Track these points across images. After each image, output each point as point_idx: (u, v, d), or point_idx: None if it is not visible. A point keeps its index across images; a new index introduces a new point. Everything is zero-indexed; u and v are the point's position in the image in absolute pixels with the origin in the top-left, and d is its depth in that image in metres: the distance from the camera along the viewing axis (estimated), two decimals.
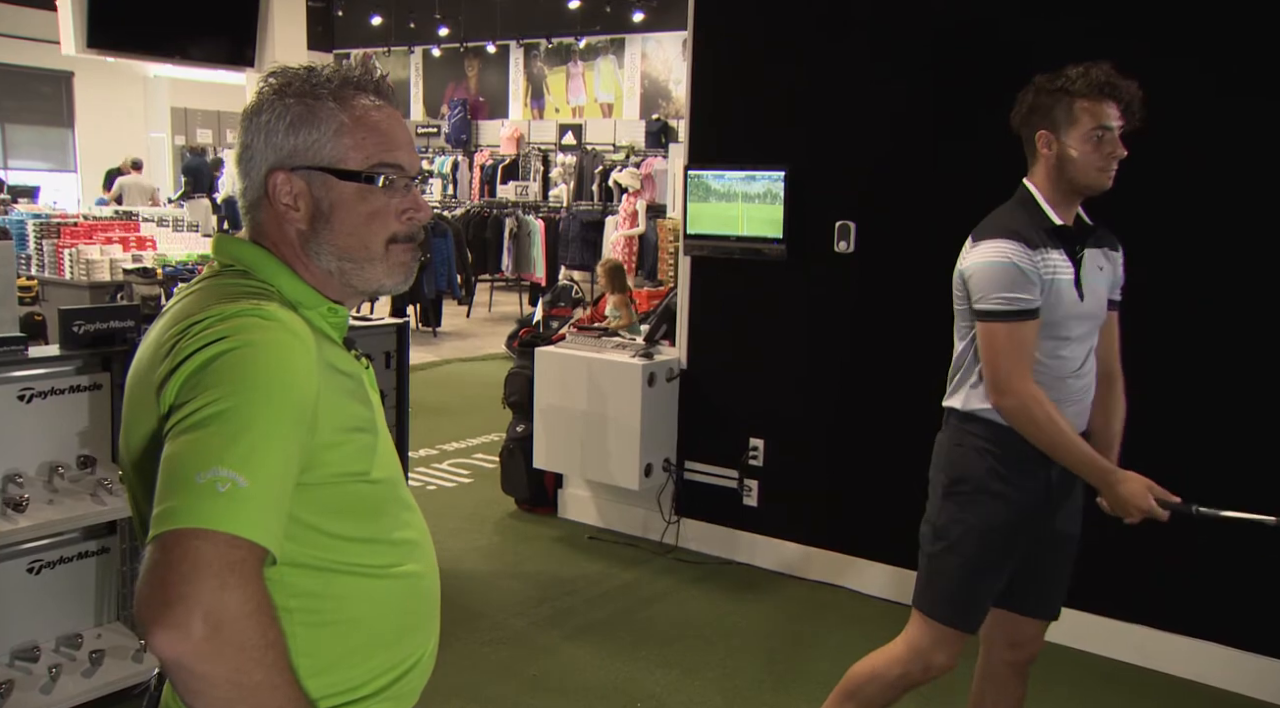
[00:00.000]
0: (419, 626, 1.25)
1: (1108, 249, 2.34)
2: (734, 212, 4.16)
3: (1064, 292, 2.22)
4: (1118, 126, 2.19)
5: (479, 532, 4.65)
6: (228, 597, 0.93)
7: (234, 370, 1.02)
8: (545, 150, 14.30)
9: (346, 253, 1.19)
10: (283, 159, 1.17)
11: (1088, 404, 2.34)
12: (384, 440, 1.20)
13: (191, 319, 1.08)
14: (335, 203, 1.18)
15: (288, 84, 1.18)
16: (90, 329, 2.96)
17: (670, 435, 4.46)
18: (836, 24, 3.94)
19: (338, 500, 1.12)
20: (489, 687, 3.24)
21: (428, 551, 1.28)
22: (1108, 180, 2.22)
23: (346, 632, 1.15)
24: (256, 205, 1.20)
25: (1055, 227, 2.22)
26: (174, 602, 0.92)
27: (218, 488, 0.95)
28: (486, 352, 9.33)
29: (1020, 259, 2.17)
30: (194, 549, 0.94)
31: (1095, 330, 2.32)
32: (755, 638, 3.64)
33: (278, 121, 1.17)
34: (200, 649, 0.92)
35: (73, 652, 2.91)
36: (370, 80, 1.21)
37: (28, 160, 14.93)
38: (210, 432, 0.98)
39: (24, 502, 2.71)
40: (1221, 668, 3.35)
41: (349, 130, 1.17)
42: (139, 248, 6.20)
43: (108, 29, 6.34)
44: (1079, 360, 2.28)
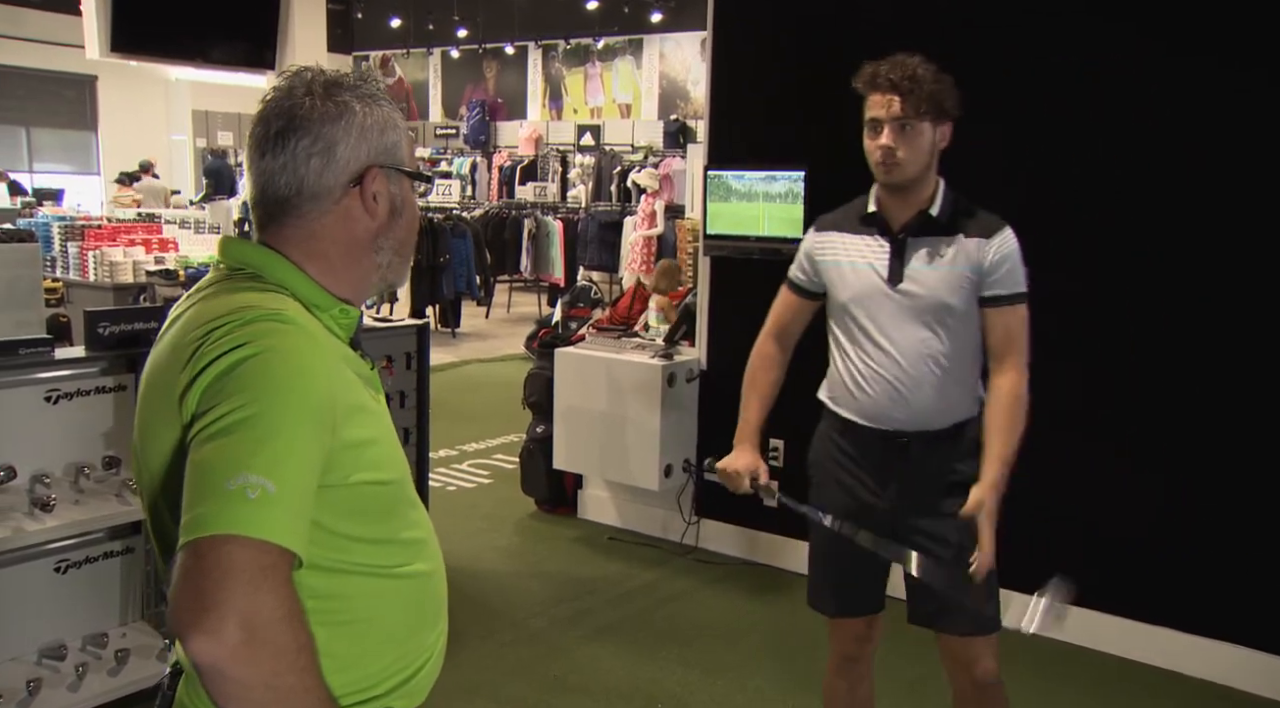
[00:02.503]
0: (429, 623, 1.27)
1: (963, 237, 2.19)
2: (754, 212, 4.15)
3: (850, 274, 2.27)
4: (886, 116, 2.14)
5: (499, 532, 4.66)
6: (261, 601, 0.95)
7: (257, 376, 1.03)
8: (564, 151, 14.33)
9: (402, 246, 1.28)
10: (380, 156, 1.22)
11: (911, 399, 2.21)
12: (391, 442, 1.22)
13: (210, 325, 1.08)
14: (405, 200, 1.26)
15: (367, 88, 1.24)
16: (115, 331, 2.99)
17: (690, 436, 4.45)
18: (855, 23, 3.92)
19: (351, 502, 1.14)
20: (509, 686, 3.25)
21: (435, 548, 1.30)
22: (883, 173, 2.19)
23: (361, 631, 1.17)
24: (319, 201, 1.19)
25: (866, 213, 2.28)
26: (209, 608, 0.93)
27: (248, 494, 0.97)
28: (505, 352, 9.35)
29: (806, 240, 2.40)
30: (226, 555, 0.95)
31: (929, 320, 2.19)
32: (775, 639, 3.64)
33: (369, 119, 1.21)
34: (236, 654, 0.93)
35: (99, 651, 2.93)
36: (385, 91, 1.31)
37: (52, 163, 15.08)
38: (237, 438, 0.99)
39: (51, 502, 2.73)
40: (1241, 669, 3.32)
41: (406, 135, 1.28)
42: (161, 250, 6.25)
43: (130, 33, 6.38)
44: (893, 347, 2.21)
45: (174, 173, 15.50)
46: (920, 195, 2.23)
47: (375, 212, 1.22)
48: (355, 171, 1.20)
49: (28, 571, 2.89)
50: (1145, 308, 3.45)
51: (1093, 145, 3.49)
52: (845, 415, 2.31)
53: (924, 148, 2.17)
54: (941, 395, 2.22)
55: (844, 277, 2.28)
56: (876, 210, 2.26)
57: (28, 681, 2.71)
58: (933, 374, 2.21)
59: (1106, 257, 3.48)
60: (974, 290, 2.20)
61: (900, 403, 2.22)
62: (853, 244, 2.28)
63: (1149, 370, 3.46)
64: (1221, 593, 3.37)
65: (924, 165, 2.19)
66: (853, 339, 2.28)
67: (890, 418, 2.24)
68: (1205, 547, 3.38)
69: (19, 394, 2.86)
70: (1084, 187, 3.51)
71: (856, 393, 2.27)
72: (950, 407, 2.24)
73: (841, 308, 2.29)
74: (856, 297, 2.25)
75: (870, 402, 2.25)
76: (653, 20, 13.90)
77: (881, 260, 2.23)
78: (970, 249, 2.19)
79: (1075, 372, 3.56)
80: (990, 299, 2.20)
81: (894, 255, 2.22)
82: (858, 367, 2.27)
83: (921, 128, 2.15)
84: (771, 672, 3.39)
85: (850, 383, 2.29)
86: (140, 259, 5.98)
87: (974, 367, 2.27)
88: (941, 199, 2.23)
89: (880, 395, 2.24)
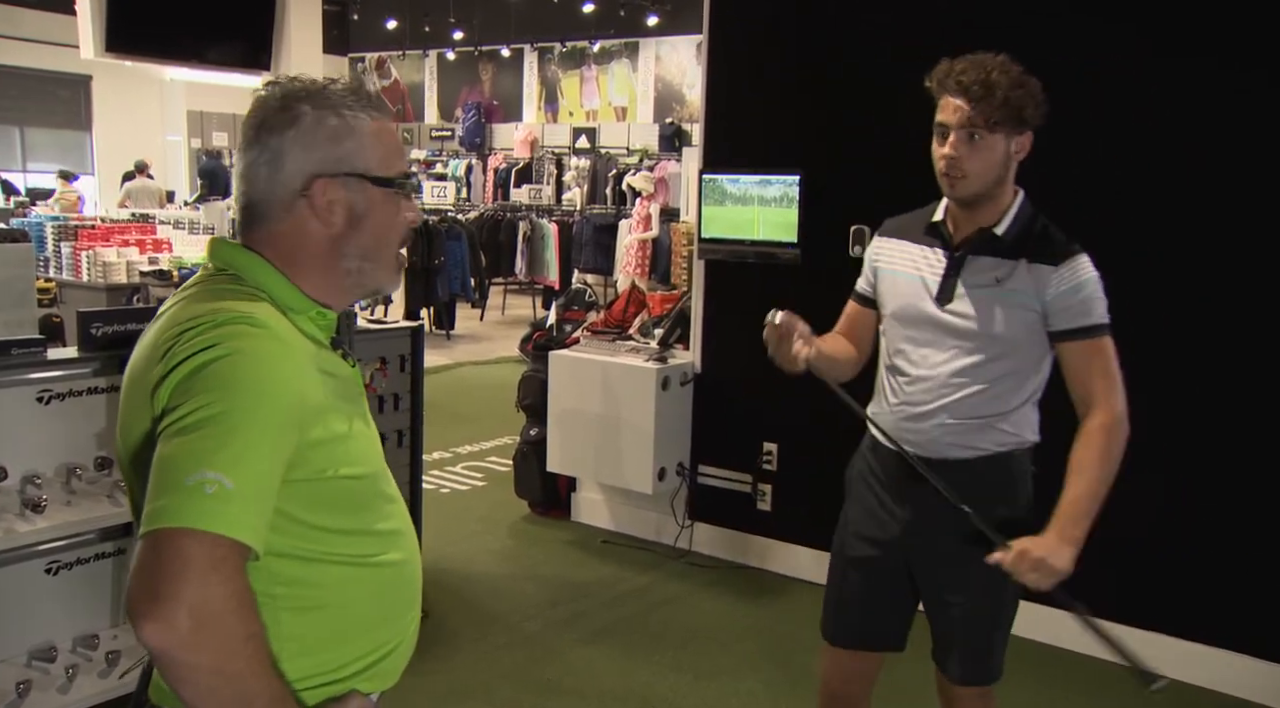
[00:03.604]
0: (401, 610, 1.32)
1: (1026, 262, 2.00)
2: (749, 215, 4.16)
3: (902, 285, 2.12)
4: (954, 123, 1.96)
5: (492, 535, 4.65)
6: (211, 593, 1.01)
7: (223, 377, 1.08)
8: (559, 154, 14.33)
9: (370, 253, 1.28)
10: (328, 166, 1.23)
11: (926, 424, 2.06)
12: (364, 438, 1.27)
13: (185, 324, 1.14)
14: (369, 207, 1.26)
15: (319, 94, 1.25)
16: (108, 331, 2.98)
17: (684, 439, 4.45)
18: (852, 27, 3.93)
19: (321, 496, 1.19)
20: (502, 689, 3.24)
21: (409, 539, 1.35)
22: (946, 186, 2.01)
23: (331, 616, 1.22)
24: (273, 210, 1.24)
25: (931, 222, 2.12)
26: (162, 598, 0.99)
27: (205, 490, 1.02)
28: (500, 355, 9.35)
29: (870, 245, 2.27)
30: (181, 547, 1.01)
31: (971, 346, 2.02)
32: (769, 642, 3.63)
33: (317, 129, 1.23)
34: (186, 641, 0.99)
35: (89, 652, 2.92)
36: (374, 97, 1.31)
37: (46, 163, 15.03)
38: (200, 435, 1.05)
39: (42, 503, 2.72)
40: (1239, 676, 3.33)
41: (378, 141, 1.27)
42: (155, 250, 6.24)
43: (126, 33, 6.38)
44: (924, 367, 2.07)
45: (169, 173, 15.46)
46: (990, 211, 2.03)
47: (329, 220, 1.24)
48: (303, 181, 1.23)
49: (18, 572, 2.88)
50: (1145, 308, 3.45)
51: (1092, 146, 3.49)
52: (875, 433, 2.18)
53: (994, 161, 1.97)
54: (961, 427, 2.04)
55: (895, 287, 2.13)
56: (943, 220, 2.09)
57: (17, 682, 2.69)
58: (955, 404, 2.04)
59: (1106, 257, 3.47)
60: (1035, 321, 2.00)
61: (912, 426, 2.08)
62: (911, 253, 2.12)
63: (1147, 372, 3.46)
64: (1219, 600, 3.38)
65: (993, 180, 1.99)
66: (890, 354, 2.16)
67: (904, 439, 2.08)
68: (1203, 553, 3.39)
69: (11, 394, 2.85)
70: (1083, 187, 3.51)
71: (884, 408, 2.16)
72: (971, 440, 2.05)
73: (887, 319, 2.17)
74: (900, 310, 2.12)
75: (889, 418, 2.13)
76: (649, 24, 13.91)
77: (934, 276, 2.07)
78: (1033, 277, 1.99)
79: None
80: (1061, 333, 2.00)
81: (949, 272, 2.05)
82: (887, 380, 2.17)
83: (993, 140, 1.95)
84: (764, 676, 3.39)
85: (881, 396, 2.19)
86: (134, 260, 5.97)
87: (1020, 402, 2.07)
88: (1013, 217, 2.03)
89: (899, 415, 2.11)
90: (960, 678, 2.17)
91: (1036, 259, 2.01)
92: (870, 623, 2.25)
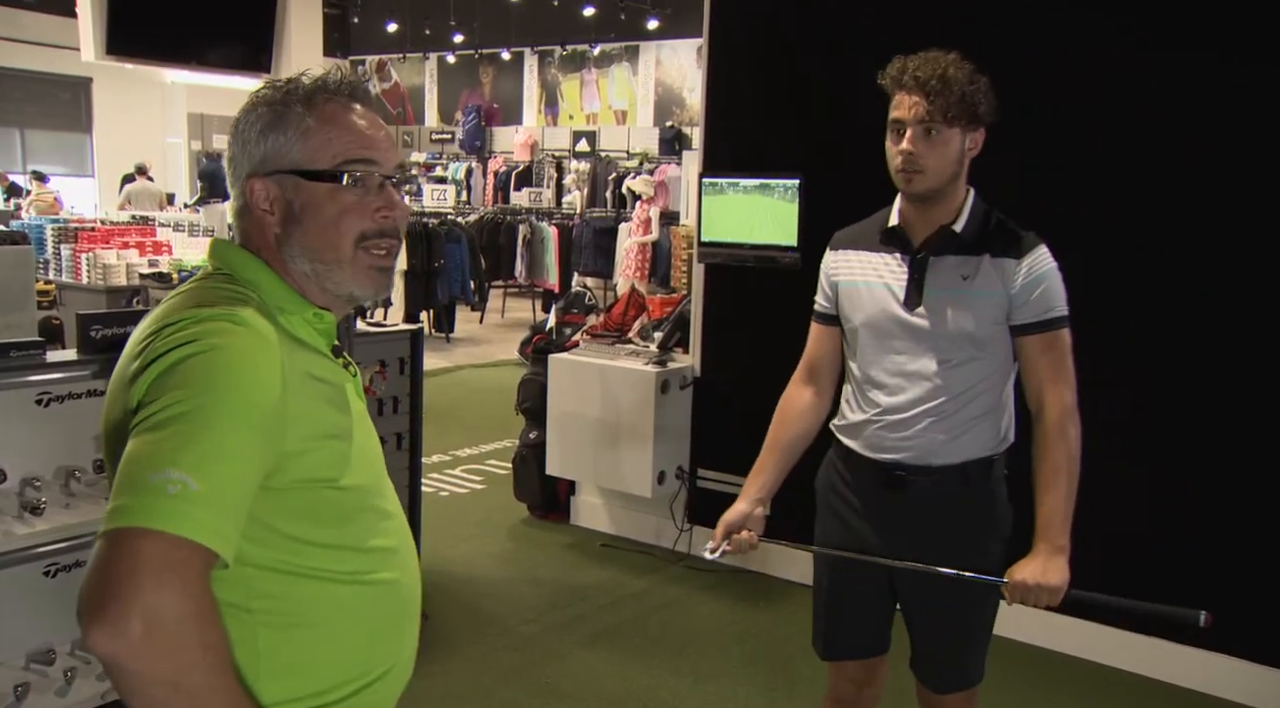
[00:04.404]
0: (391, 634, 1.24)
1: (990, 257, 2.00)
2: (749, 219, 4.16)
3: (866, 295, 2.08)
4: (910, 119, 1.95)
5: (491, 538, 4.65)
6: (165, 597, 0.94)
7: (198, 374, 1.04)
8: (559, 157, 14.35)
9: (317, 254, 1.20)
10: (256, 166, 1.20)
11: (911, 430, 2.04)
12: (360, 448, 1.21)
13: (167, 320, 1.10)
14: (306, 204, 1.19)
15: (263, 95, 1.22)
16: (108, 334, 2.97)
17: (683, 443, 4.45)
18: (852, 31, 3.93)
19: (303, 506, 1.13)
20: (501, 693, 3.23)
21: (406, 558, 1.28)
22: (903, 181, 2.00)
23: (310, 636, 1.15)
24: (241, 213, 1.24)
25: (886, 228, 2.09)
26: (113, 599, 0.93)
27: (167, 490, 0.96)
28: (499, 358, 9.35)
29: (824, 261, 2.22)
30: (136, 548, 0.95)
31: (946, 347, 2.01)
32: (768, 646, 3.63)
33: (250, 130, 1.20)
34: (135, 648, 0.93)
35: (88, 655, 2.91)
36: (345, 84, 1.23)
37: (46, 165, 15.01)
38: (168, 433, 1.00)
39: (41, 506, 2.72)
40: (1230, 679, 3.33)
41: (315, 132, 1.19)
42: (155, 253, 6.24)
43: (126, 36, 6.38)
44: (902, 374, 2.04)
45: (169, 176, 15.47)
46: (946, 208, 2.03)
47: (268, 221, 1.21)
48: (242, 183, 1.22)
49: (17, 574, 2.87)
50: (1144, 303, 3.45)
51: (1093, 140, 3.49)
52: (847, 443, 2.15)
53: (951, 156, 1.97)
54: (947, 431, 2.03)
55: (860, 298, 2.09)
56: (898, 224, 2.08)
57: (15, 685, 2.69)
58: (940, 407, 2.02)
59: (1106, 252, 3.48)
60: (1002, 316, 2.00)
61: (898, 434, 2.05)
62: (870, 262, 2.10)
63: (1144, 371, 3.46)
64: (1212, 603, 3.36)
65: (950, 175, 1.99)
66: (861, 364, 2.11)
67: (887, 448, 2.06)
68: (1197, 555, 3.39)
69: (10, 397, 2.84)
70: (1082, 181, 3.51)
71: (858, 421, 2.12)
72: (958, 444, 2.03)
73: (854, 332, 2.12)
74: (870, 320, 2.08)
75: (870, 431, 2.09)
76: (649, 27, 13.92)
77: (899, 281, 2.04)
78: (997, 270, 1.99)
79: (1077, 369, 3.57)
80: (1022, 327, 2.00)
81: (913, 276, 2.03)
82: (863, 393, 2.12)
83: (948, 134, 1.95)
84: (764, 680, 3.38)
85: (853, 409, 2.14)
86: (134, 262, 5.97)
87: (998, 401, 2.07)
88: (969, 213, 2.03)
89: (879, 424, 2.07)
90: (944, 687, 2.16)
91: (999, 253, 2.01)
92: (862, 634, 2.24)
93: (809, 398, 2.22)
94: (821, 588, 2.27)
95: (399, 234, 1.25)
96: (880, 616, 2.22)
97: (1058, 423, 1.98)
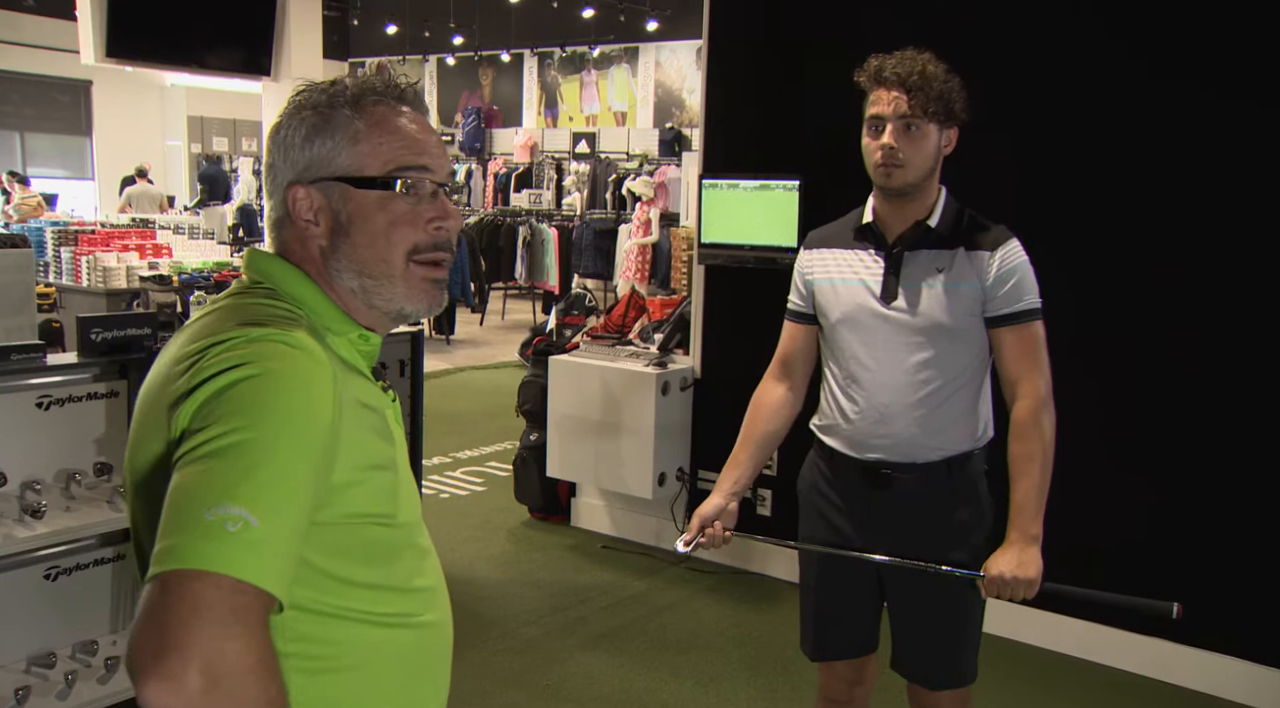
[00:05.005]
0: (427, 678, 1.18)
1: (964, 251, 2.04)
2: (748, 220, 4.16)
3: (843, 291, 2.11)
4: (890, 114, 1.98)
5: (492, 540, 4.65)
6: (228, 647, 0.85)
7: (253, 400, 0.95)
8: (559, 158, 14.34)
9: (366, 268, 1.13)
10: (300, 173, 1.13)
11: (895, 427, 2.05)
12: (405, 481, 1.14)
13: (213, 339, 1.01)
14: (354, 214, 1.12)
15: (307, 98, 1.15)
16: (108, 337, 2.98)
17: (684, 444, 4.45)
18: (852, 32, 3.93)
19: (349, 543, 1.06)
20: (501, 695, 3.23)
21: (443, 598, 1.22)
22: (882, 176, 2.02)
23: (345, 680, 1.08)
24: (280, 224, 1.16)
25: (861, 225, 2.13)
26: (169, 649, 0.84)
27: (227, 527, 0.88)
28: (500, 360, 9.35)
29: (798, 260, 2.23)
30: (195, 593, 0.85)
31: (924, 342, 2.03)
32: (769, 648, 3.63)
33: (293, 135, 1.13)
34: (194, 703, 0.83)
35: (88, 658, 2.91)
36: (393, 87, 1.16)
37: (46, 168, 15.06)
38: (223, 464, 0.91)
39: (41, 509, 2.72)
40: (1231, 679, 3.33)
41: (365, 136, 1.12)
42: (155, 255, 6.24)
43: (126, 39, 6.39)
44: (881, 370, 2.06)
45: (169, 179, 15.49)
46: (920, 204, 2.06)
47: (312, 232, 1.13)
48: (284, 191, 1.14)
49: (17, 578, 2.88)
50: (1138, 309, 3.46)
51: (1088, 148, 3.50)
52: (829, 443, 2.17)
53: (928, 151, 2.00)
54: (930, 425, 2.04)
55: (835, 295, 2.12)
56: (872, 221, 2.11)
57: (16, 689, 2.69)
58: (923, 401, 2.04)
59: (1103, 260, 3.49)
60: (977, 308, 2.03)
61: (882, 431, 2.06)
62: (845, 259, 2.12)
63: (1141, 374, 3.46)
64: (1212, 603, 3.37)
65: (927, 170, 2.02)
66: (840, 362, 2.13)
67: (871, 447, 2.08)
68: (1196, 556, 3.39)
69: (10, 400, 2.84)
70: (1080, 187, 3.51)
71: (840, 419, 2.13)
72: (941, 438, 2.06)
73: (832, 329, 2.13)
74: (847, 316, 2.10)
75: (852, 428, 2.10)
76: (648, 29, 13.92)
77: (875, 276, 2.07)
78: (972, 264, 2.02)
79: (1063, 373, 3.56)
80: (996, 319, 2.03)
81: (888, 271, 2.05)
82: (843, 391, 2.12)
83: (927, 129, 1.99)
84: (765, 682, 3.38)
85: (835, 408, 2.14)
86: (134, 264, 5.97)
87: (977, 394, 2.10)
88: (942, 209, 2.07)
89: (862, 422, 2.08)
90: (938, 683, 2.16)
91: (973, 246, 2.05)
92: (852, 633, 2.24)
93: (782, 394, 2.24)
94: (809, 589, 2.27)
95: (452, 246, 1.18)
96: (869, 614, 2.23)
97: (1031, 413, 2.01)
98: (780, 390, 2.24)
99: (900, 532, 2.09)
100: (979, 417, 2.12)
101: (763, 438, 2.23)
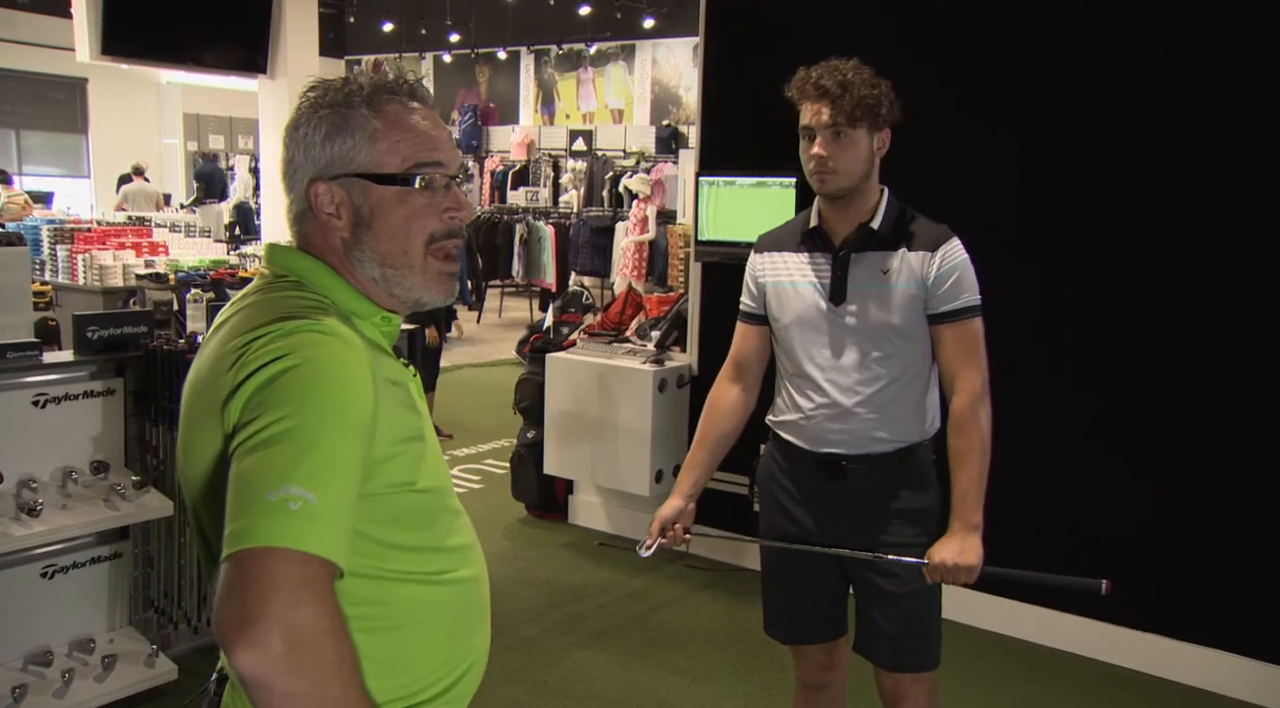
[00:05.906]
0: (473, 628, 1.28)
1: (907, 251, 2.11)
2: (745, 217, 4.16)
3: (793, 294, 2.18)
4: (817, 124, 2.06)
5: (489, 537, 4.65)
6: (303, 613, 0.95)
7: (298, 387, 1.03)
8: (556, 156, 14.32)
9: (388, 259, 1.21)
10: (321, 170, 1.19)
11: (850, 422, 2.13)
12: (432, 448, 1.22)
13: (253, 334, 1.08)
14: (375, 208, 1.19)
15: (322, 96, 1.20)
16: (104, 335, 2.98)
17: (681, 442, 4.45)
18: (847, 28, 3.93)
19: (392, 510, 1.15)
20: (499, 693, 3.24)
21: (478, 555, 1.31)
22: (818, 183, 2.10)
23: (404, 637, 1.18)
24: (302, 217, 1.22)
25: (807, 229, 2.20)
26: (253, 620, 0.93)
27: (289, 506, 0.97)
28: (497, 357, 9.35)
29: (749, 263, 2.29)
30: (269, 568, 0.95)
31: (873, 340, 2.11)
32: (766, 645, 3.61)
33: (314, 133, 1.19)
34: (280, 666, 0.93)
35: (85, 656, 2.92)
36: (404, 84, 1.22)
37: (42, 166, 15.03)
38: (279, 449, 1.00)
39: (38, 507, 2.72)
40: (1229, 676, 3.34)
41: (383, 134, 1.19)
42: (151, 253, 6.22)
43: (122, 36, 6.37)
44: (834, 368, 2.14)
45: (165, 176, 15.46)
46: (861, 207, 2.14)
47: (334, 225, 1.20)
48: (305, 187, 1.20)
49: (14, 576, 2.88)
50: (1137, 308, 3.46)
51: (1088, 148, 3.50)
52: (785, 437, 2.25)
53: (859, 156, 2.07)
54: (883, 419, 2.13)
55: (786, 298, 2.20)
56: (818, 225, 2.18)
57: (13, 687, 2.69)
58: (875, 397, 2.12)
59: (1103, 260, 3.49)
60: (921, 307, 2.10)
61: (838, 426, 2.14)
62: (794, 262, 2.20)
63: (1139, 373, 3.47)
64: (1210, 599, 3.38)
65: (861, 174, 2.09)
66: (794, 361, 2.20)
67: (826, 442, 2.16)
68: (1194, 553, 3.39)
69: (7, 398, 2.84)
70: (1076, 187, 3.52)
71: (795, 416, 2.21)
72: (894, 431, 2.14)
73: (785, 330, 2.21)
74: (799, 317, 2.17)
75: (808, 424, 2.18)
76: (645, 26, 13.91)
77: (823, 278, 2.15)
78: (914, 263, 2.10)
79: (1063, 374, 3.57)
80: (938, 316, 2.10)
81: (835, 273, 2.13)
82: (798, 389, 2.20)
83: (856, 135, 2.06)
84: (761, 678, 3.38)
85: (790, 405, 2.22)
86: (130, 263, 5.95)
87: (926, 388, 2.18)
88: (884, 210, 2.14)
89: (818, 418, 2.16)
90: (900, 664, 2.21)
91: (915, 246, 2.12)
92: (818, 618, 2.32)
93: (736, 395, 2.33)
94: (772, 575, 2.38)
95: (463, 234, 1.27)
96: (834, 599, 2.31)
97: (969, 407, 2.08)
98: (734, 392, 2.33)
99: (854, 519, 2.18)
100: (928, 409, 2.20)
101: (718, 439, 2.33)
